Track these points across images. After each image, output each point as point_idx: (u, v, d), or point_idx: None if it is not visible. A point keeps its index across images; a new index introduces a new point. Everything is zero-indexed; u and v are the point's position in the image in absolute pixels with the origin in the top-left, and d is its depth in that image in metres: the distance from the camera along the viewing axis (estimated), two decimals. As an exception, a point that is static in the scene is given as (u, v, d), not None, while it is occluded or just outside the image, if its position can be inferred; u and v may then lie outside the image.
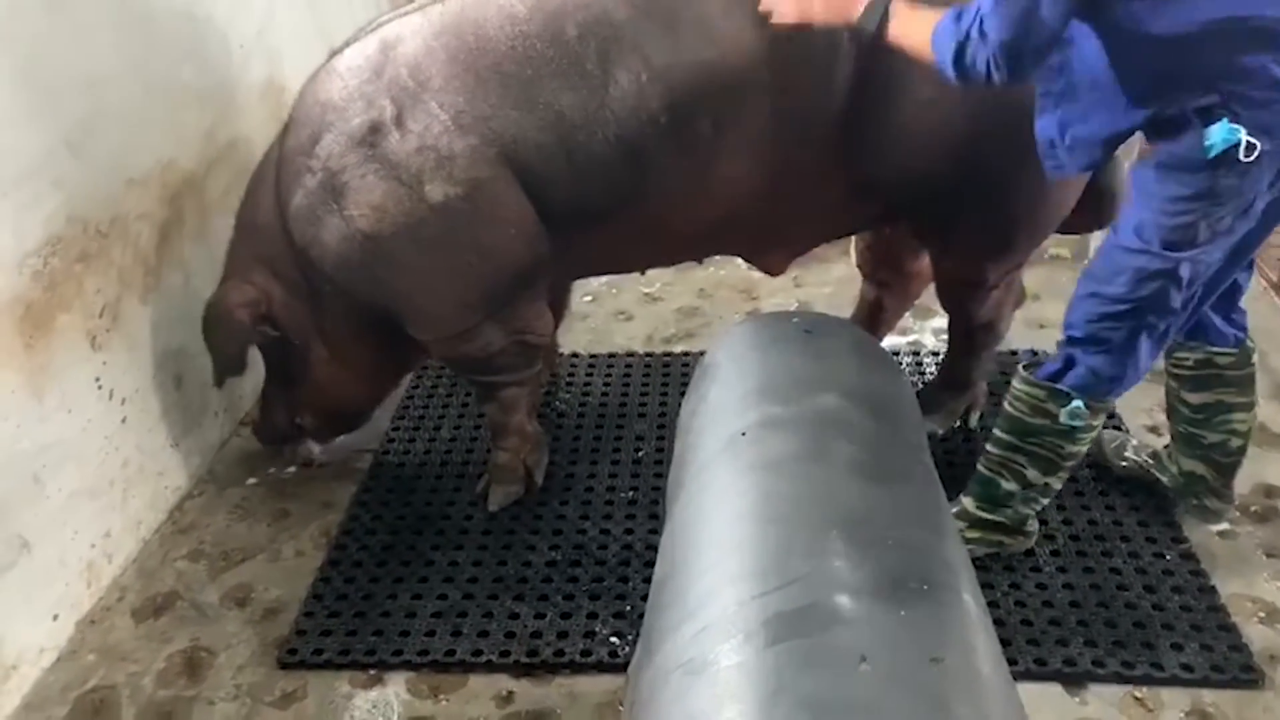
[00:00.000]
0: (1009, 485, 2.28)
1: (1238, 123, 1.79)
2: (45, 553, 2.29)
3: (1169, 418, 2.48)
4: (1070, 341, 2.14)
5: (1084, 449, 2.24)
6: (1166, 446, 2.56)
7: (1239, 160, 1.81)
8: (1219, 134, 1.80)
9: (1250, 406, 2.35)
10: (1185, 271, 1.97)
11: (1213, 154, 1.82)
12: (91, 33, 2.41)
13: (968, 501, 2.37)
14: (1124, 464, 2.63)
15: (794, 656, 1.17)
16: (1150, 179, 1.93)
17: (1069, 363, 2.14)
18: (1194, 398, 2.36)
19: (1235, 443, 2.38)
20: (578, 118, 2.22)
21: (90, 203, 2.41)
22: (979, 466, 2.34)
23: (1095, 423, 2.19)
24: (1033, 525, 2.38)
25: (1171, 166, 1.89)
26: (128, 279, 2.57)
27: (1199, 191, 1.87)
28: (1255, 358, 2.33)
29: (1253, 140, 1.80)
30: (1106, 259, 2.05)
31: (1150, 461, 2.59)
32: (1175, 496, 2.54)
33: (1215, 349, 2.29)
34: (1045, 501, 2.33)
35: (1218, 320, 2.28)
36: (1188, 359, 2.33)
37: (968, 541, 2.36)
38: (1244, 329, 2.31)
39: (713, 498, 1.52)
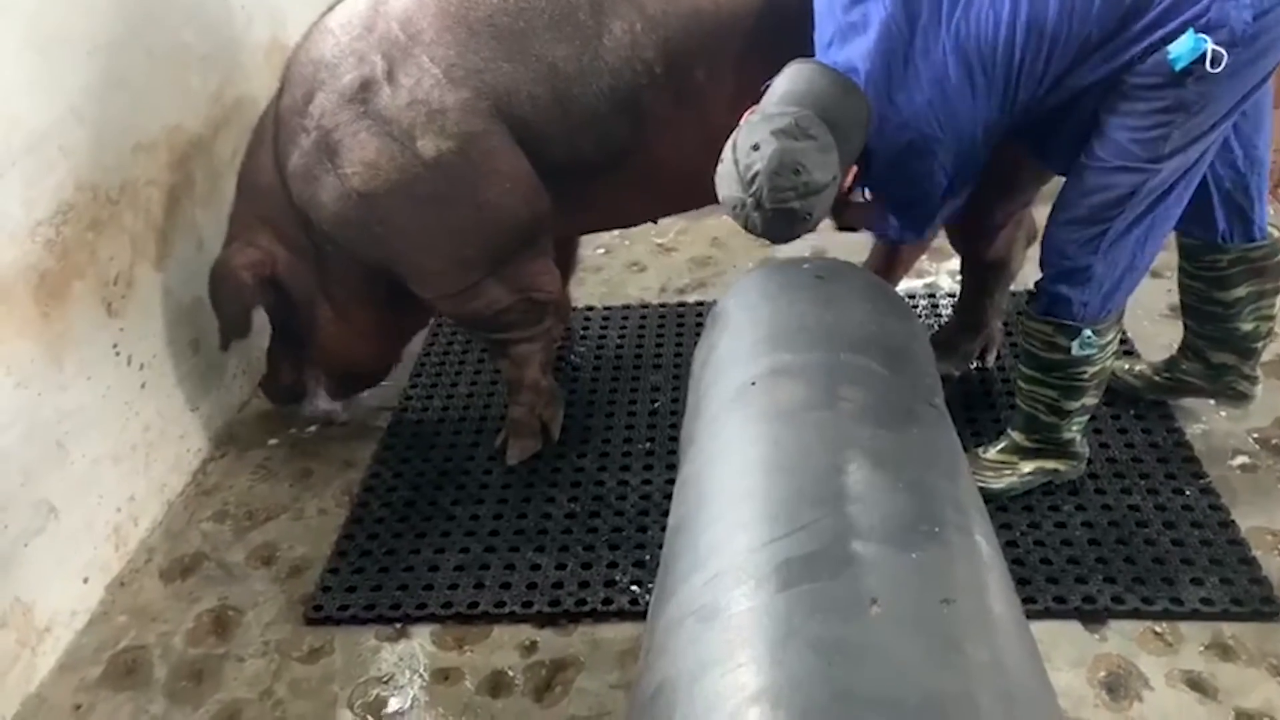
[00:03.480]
0: (1048, 417, 2.30)
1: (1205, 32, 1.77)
2: (72, 518, 2.32)
3: (1191, 318, 2.48)
4: (1055, 277, 2.13)
5: (1107, 364, 2.25)
6: (1172, 358, 2.59)
7: (1208, 70, 1.78)
8: (1185, 46, 1.78)
9: (1278, 291, 2.38)
10: (1162, 179, 1.96)
11: (1179, 66, 1.79)
12: (92, -1, 2.40)
13: (1016, 435, 2.39)
14: (1134, 377, 2.65)
15: (805, 601, 1.18)
16: (1118, 98, 1.91)
17: (1060, 296, 2.13)
18: (1228, 295, 2.36)
19: (1265, 327, 2.41)
20: (571, 69, 2.20)
21: (99, 169, 2.41)
22: (1017, 401, 2.36)
23: (1109, 338, 2.20)
24: (1082, 447, 2.39)
25: (1138, 85, 1.87)
26: (140, 245, 2.58)
27: (1170, 104, 1.86)
28: None
29: (1219, 49, 1.77)
30: (1079, 183, 2.03)
31: (1166, 372, 2.60)
32: (1206, 389, 2.55)
33: (1249, 245, 2.30)
34: (1086, 418, 2.34)
35: (1246, 220, 2.28)
36: (1220, 260, 2.33)
37: (1024, 476, 2.39)
38: (1265, 220, 2.32)
39: (723, 446, 1.53)
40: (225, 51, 2.96)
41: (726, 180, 1.86)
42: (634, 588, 2.28)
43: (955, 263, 2.89)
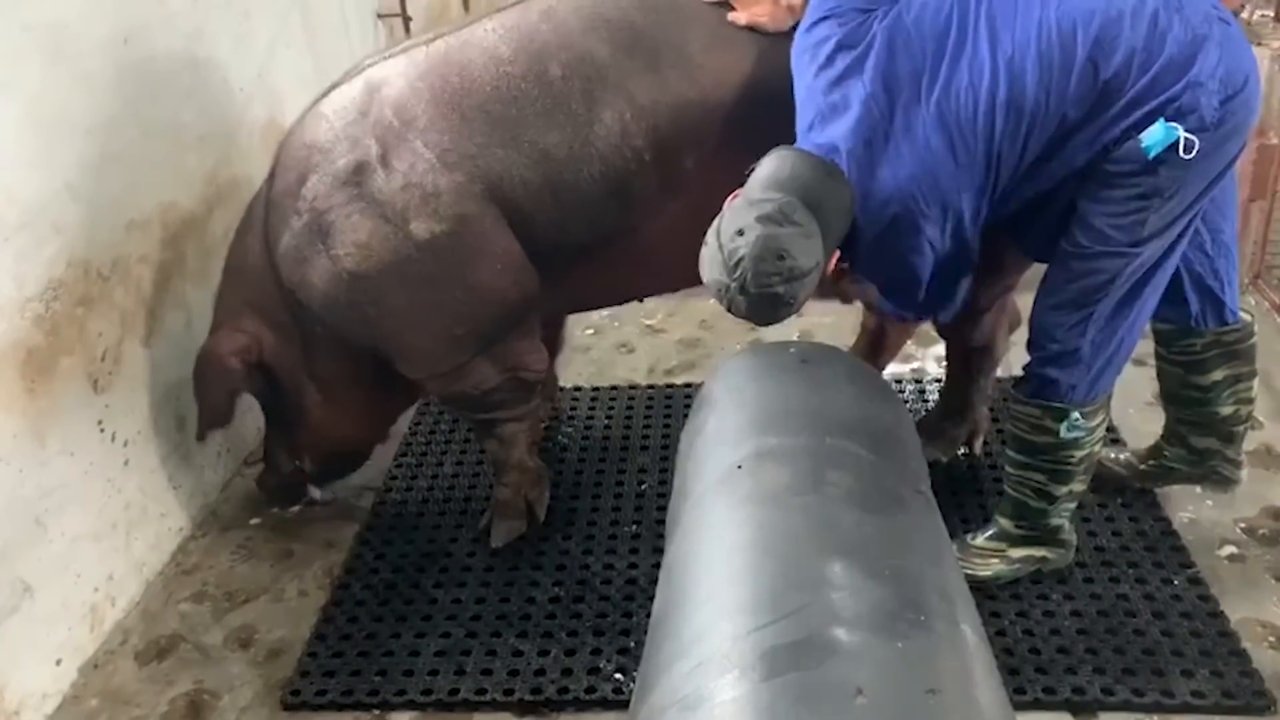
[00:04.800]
0: (1037, 503, 2.30)
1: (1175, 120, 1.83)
2: (48, 597, 2.28)
3: (1171, 404, 2.50)
4: (1043, 361, 2.15)
5: (1095, 449, 2.25)
6: (1156, 445, 2.59)
7: (1181, 158, 1.84)
8: (1157, 135, 1.83)
9: (1255, 374, 2.40)
10: (1142, 262, 2.00)
11: (1153, 154, 1.85)
12: (92, 77, 2.44)
13: (1005, 523, 2.38)
14: (1120, 466, 2.66)
15: (789, 690, 1.16)
16: (1095, 185, 1.96)
17: (1048, 379, 2.15)
18: (1205, 379, 2.38)
19: (1244, 410, 2.42)
20: (563, 155, 2.24)
21: (91, 246, 2.42)
22: (1006, 487, 2.36)
23: (1097, 422, 2.21)
24: (1070, 535, 2.38)
25: (1114, 173, 1.91)
26: (130, 321, 2.58)
27: (1146, 190, 1.91)
28: (1255, 328, 2.38)
29: (1191, 137, 1.82)
30: (1063, 269, 2.07)
31: (1151, 460, 2.60)
32: (1191, 474, 2.54)
33: (1222, 328, 2.33)
34: (1073, 505, 2.34)
35: (1218, 303, 2.32)
36: (1194, 344, 2.36)
37: (1012, 563, 2.37)
38: (1237, 303, 2.35)
39: (708, 531, 1.52)
40: (222, 131, 3.00)
41: (711, 264, 1.87)
42: (618, 675, 2.24)
43: (942, 348, 2.91)
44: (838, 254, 1.98)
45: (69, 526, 2.35)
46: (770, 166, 1.92)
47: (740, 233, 1.81)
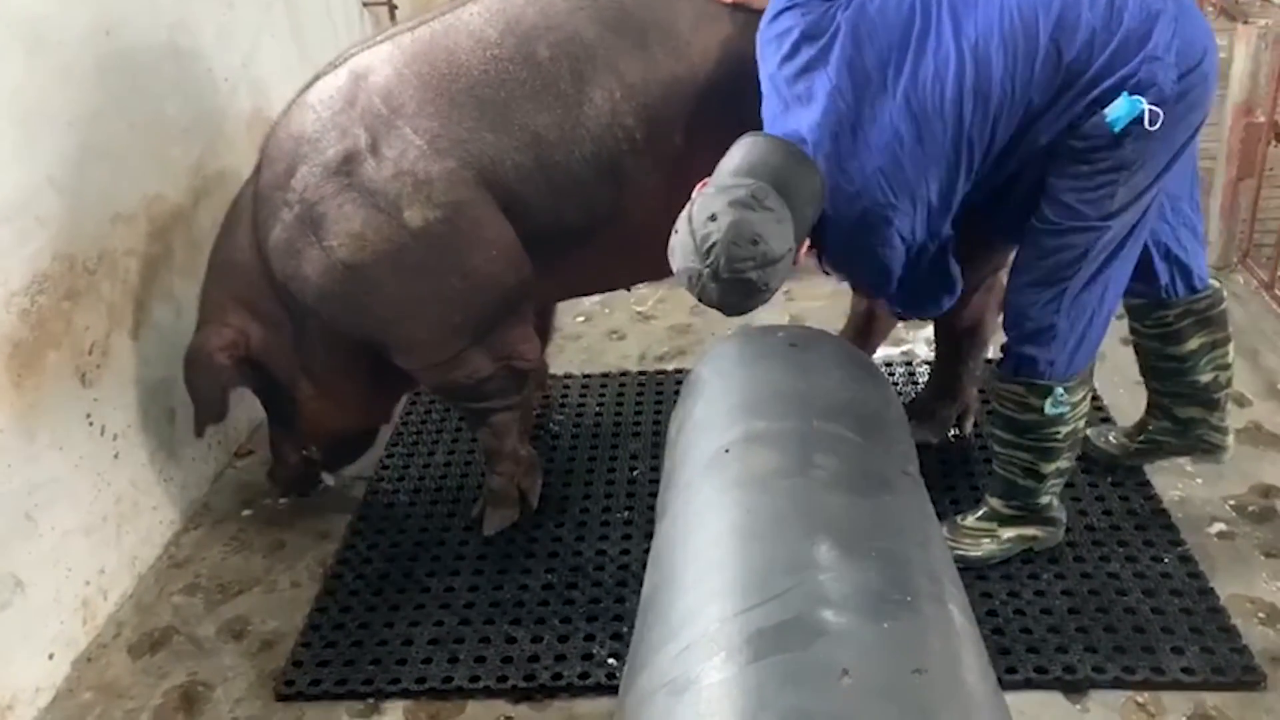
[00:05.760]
0: (1025, 481, 2.31)
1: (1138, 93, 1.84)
2: (40, 591, 2.28)
3: (1151, 378, 2.51)
4: (1020, 339, 2.16)
5: (1079, 424, 2.26)
6: (1142, 421, 2.60)
7: (1146, 129, 1.85)
8: (1121, 108, 1.84)
9: (1230, 339, 2.42)
10: (1113, 235, 2.01)
11: (1118, 128, 1.86)
12: (73, 70, 2.42)
13: (995, 502, 2.39)
14: (1110, 445, 2.67)
15: (776, 672, 1.16)
16: (1062, 162, 1.97)
17: (1027, 357, 2.16)
18: (1180, 349, 2.40)
19: (1224, 377, 2.44)
20: (554, 137, 2.23)
21: (77, 240, 2.41)
22: (994, 466, 2.37)
23: (1079, 396, 2.22)
24: (1060, 514, 2.39)
25: (1080, 149, 1.93)
26: (117, 315, 2.57)
27: (1113, 164, 1.92)
28: (1224, 293, 2.40)
29: (1155, 109, 1.83)
30: (1034, 246, 2.07)
31: (1139, 436, 2.61)
32: (1179, 446, 2.55)
33: (1192, 297, 2.35)
34: (1062, 482, 2.35)
35: (1186, 271, 2.33)
36: (1167, 315, 2.38)
37: (1003, 543, 2.39)
38: (1205, 271, 2.37)
39: (696, 515, 1.52)
40: (207, 122, 2.99)
41: (682, 251, 1.86)
42: (611, 661, 2.25)
43: (931, 330, 2.91)
44: (806, 242, 1.98)
45: (59, 521, 2.35)
46: (741, 153, 1.91)
47: (712, 218, 1.80)
